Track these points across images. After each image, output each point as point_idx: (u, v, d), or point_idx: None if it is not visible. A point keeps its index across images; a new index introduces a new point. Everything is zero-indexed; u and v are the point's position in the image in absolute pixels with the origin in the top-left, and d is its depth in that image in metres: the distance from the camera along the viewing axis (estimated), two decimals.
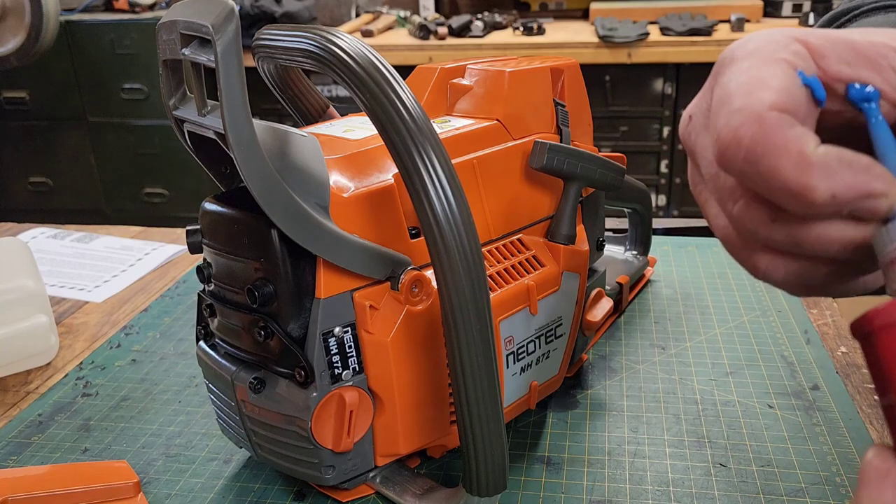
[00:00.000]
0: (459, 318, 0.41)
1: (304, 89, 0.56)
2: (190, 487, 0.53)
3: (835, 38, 0.30)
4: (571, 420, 0.59)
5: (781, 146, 0.27)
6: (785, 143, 0.27)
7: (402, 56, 2.19)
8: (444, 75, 0.57)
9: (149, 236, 0.99)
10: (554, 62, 0.58)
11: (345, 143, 0.49)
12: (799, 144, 0.27)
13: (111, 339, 0.74)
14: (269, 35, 0.45)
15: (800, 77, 0.30)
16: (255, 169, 0.39)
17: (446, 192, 0.40)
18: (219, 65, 0.37)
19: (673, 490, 0.51)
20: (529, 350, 0.53)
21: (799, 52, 0.30)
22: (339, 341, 0.45)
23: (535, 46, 2.17)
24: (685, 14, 2.22)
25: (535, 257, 0.53)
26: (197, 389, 0.65)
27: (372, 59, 0.40)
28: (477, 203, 0.51)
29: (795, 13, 2.22)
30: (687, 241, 0.89)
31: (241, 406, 0.48)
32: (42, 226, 1.02)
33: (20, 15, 1.95)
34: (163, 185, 2.52)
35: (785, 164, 0.26)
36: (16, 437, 0.59)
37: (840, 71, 0.30)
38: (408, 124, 0.39)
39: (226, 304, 0.47)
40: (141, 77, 2.39)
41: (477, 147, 0.52)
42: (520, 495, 0.51)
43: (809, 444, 0.54)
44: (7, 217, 1.27)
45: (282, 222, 0.41)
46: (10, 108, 2.53)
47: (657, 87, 2.17)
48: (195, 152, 0.47)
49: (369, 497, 0.51)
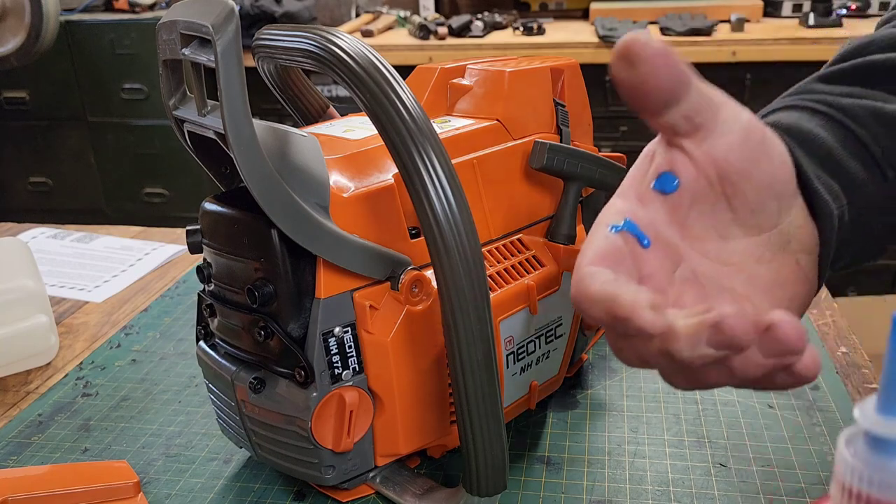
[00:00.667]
0: (459, 318, 0.41)
1: (304, 89, 0.56)
2: (190, 487, 0.53)
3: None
4: (571, 420, 0.59)
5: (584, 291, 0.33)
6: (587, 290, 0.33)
7: (402, 56, 2.19)
8: (444, 75, 0.57)
9: (149, 236, 0.99)
10: (554, 62, 0.58)
11: (345, 143, 0.49)
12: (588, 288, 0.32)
13: (111, 339, 0.74)
14: (269, 35, 0.45)
15: (611, 231, 0.36)
16: (255, 169, 0.39)
17: (446, 192, 0.40)
18: (219, 65, 0.37)
19: (673, 490, 0.51)
20: (529, 350, 0.53)
21: (619, 209, 0.37)
22: (339, 341, 0.45)
23: (535, 46, 2.16)
24: (685, 14, 2.22)
25: (535, 257, 0.53)
26: (197, 389, 0.64)
27: (372, 59, 0.40)
28: (477, 203, 0.51)
29: (795, 13, 2.22)
30: None
31: (241, 406, 0.48)
32: (42, 226, 1.02)
33: (20, 15, 1.95)
34: (163, 185, 2.52)
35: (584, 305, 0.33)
36: (16, 437, 0.59)
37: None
38: (408, 124, 0.39)
39: (226, 304, 0.47)
40: (141, 77, 2.39)
41: (477, 147, 0.52)
42: (520, 495, 0.51)
43: (809, 444, 0.54)
44: (7, 217, 1.27)
45: (282, 222, 0.41)
46: (10, 108, 2.53)
47: None
48: (195, 152, 0.47)
49: (369, 497, 0.51)
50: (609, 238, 0.36)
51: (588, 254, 0.35)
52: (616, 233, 0.36)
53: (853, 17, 2.17)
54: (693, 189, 0.37)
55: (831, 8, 2.12)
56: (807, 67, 2.23)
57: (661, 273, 0.37)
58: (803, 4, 2.22)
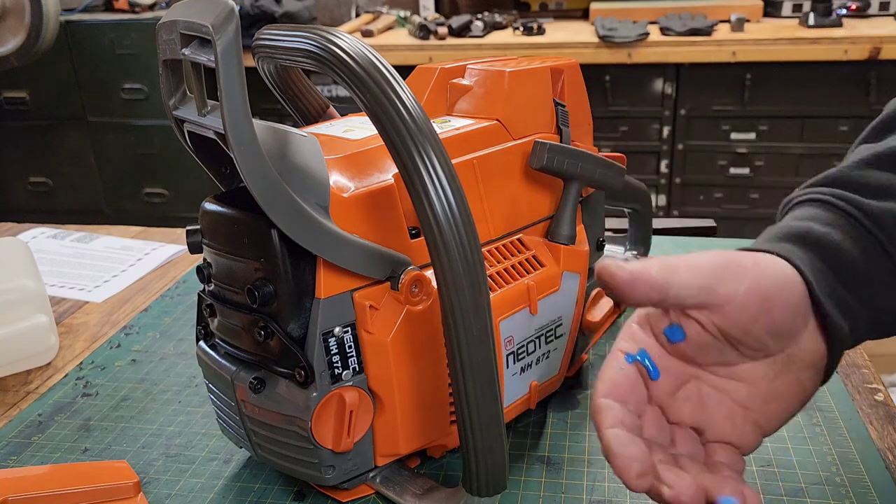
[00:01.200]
0: (459, 318, 0.41)
1: (304, 89, 0.56)
2: (190, 487, 0.53)
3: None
4: (571, 420, 0.59)
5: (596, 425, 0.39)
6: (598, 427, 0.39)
7: (402, 56, 2.19)
8: (444, 75, 0.57)
9: (149, 236, 0.99)
10: (554, 62, 0.58)
11: (345, 143, 0.49)
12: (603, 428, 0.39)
13: (111, 339, 0.74)
14: (269, 35, 0.45)
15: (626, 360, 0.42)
16: (255, 169, 0.39)
17: (446, 192, 0.40)
18: (219, 65, 0.37)
19: None
20: (529, 350, 0.53)
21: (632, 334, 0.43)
22: (339, 341, 0.45)
23: (535, 46, 2.16)
24: (685, 14, 2.22)
25: (535, 257, 0.53)
26: (197, 389, 0.64)
27: (372, 59, 0.40)
28: (477, 203, 0.50)
29: (795, 13, 2.22)
30: (687, 241, 0.89)
31: (241, 406, 0.48)
32: (42, 226, 1.02)
33: (20, 15, 1.94)
34: (163, 185, 2.52)
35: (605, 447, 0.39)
36: (16, 437, 0.59)
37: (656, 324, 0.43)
38: (408, 124, 0.39)
39: (226, 304, 0.47)
40: (141, 77, 2.39)
41: (477, 147, 0.52)
42: (520, 495, 0.51)
43: (809, 444, 0.54)
44: (7, 217, 1.27)
45: (282, 222, 0.41)
46: (10, 108, 2.53)
47: (657, 87, 2.17)
48: (195, 152, 0.47)
49: (369, 497, 0.51)
50: (623, 371, 0.42)
51: (604, 382, 0.41)
52: (631, 363, 0.42)
53: (853, 17, 2.17)
54: (698, 341, 0.42)
55: (831, 8, 2.12)
56: (807, 67, 2.22)
57: (665, 396, 0.43)
58: (803, 4, 2.22)
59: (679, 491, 0.38)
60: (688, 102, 2.17)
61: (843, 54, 2.00)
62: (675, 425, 0.43)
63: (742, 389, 0.43)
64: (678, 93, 2.17)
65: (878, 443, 0.54)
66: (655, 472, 0.38)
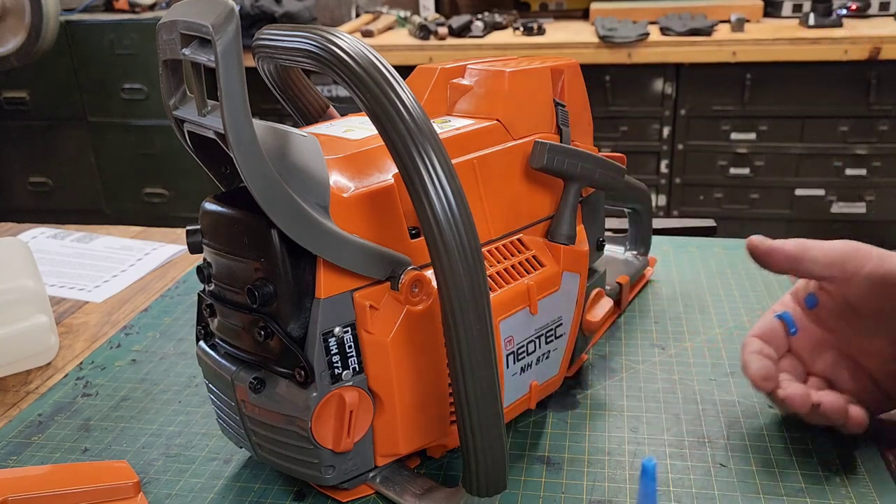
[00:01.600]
0: (459, 318, 0.41)
1: (304, 89, 0.56)
2: (190, 487, 0.53)
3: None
4: (571, 420, 0.59)
5: (744, 352, 0.56)
6: (743, 351, 0.56)
7: (402, 56, 2.19)
8: (444, 75, 0.57)
9: (149, 236, 0.99)
10: (554, 62, 0.58)
11: (345, 143, 0.49)
12: (746, 352, 0.55)
13: (111, 339, 0.74)
14: (269, 35, 0.45)
15: (774, 317, 0.57)
16: (255, 169, 0.39)
17: (446, 192, 0.40)
18: (219, 65, 0.37)
19: (673, 490, 0.51)
20: (529, 350, 0.53)
21: (784, 302, 0.58)
22: (339, 341, 0.45)
23: (535, 46, 2.16)
24: (685, 14, 2.22)
25: (535, 257, 0.53)
26: (197, 389, 0.65)
27: (372, 59, 0.40)
28: (477, 203, 0.51)
29: (795, 13, 2.22)
30: (687, 241, 0.89)
31: (241, 406, 0.48)
32: (42, 226, 1.02)
33: (20, 15, 1.94)
34: (163, 185, 2.52)
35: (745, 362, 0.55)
36: (16, 437, 0.59)
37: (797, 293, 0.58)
38: (408, 124, 0.39)
39: (226, 304, 0.47)
40: (141, 77, 2.39)
41: (477, 147, 0.52)
42: (520, 495, 0.51)
43: (809, 444, 0.54)
44: (7, 217, 1.27)
45: (282, 222, 0.41)
46: (10, 108, 2.53)
47: (657, 87, 2.17)
48: (195, 152, 0.47)
49: (369, 497, 0.51)
50: (771, 322, 0.57)
51: (756, 329, 0.57)
52: (777, 319, 0.57)
53: (853, 17, 2.17)
54: (829, 307, 0.55)
55: (831, 8, 2.12)
56: (807, 67, 2.22)
57: (802, 350, 0.56)
58: (803, 4, 2.22)
59: (790, 392, 0.51)
60: (688, 102, 2.17)
61: (843, 54, 2.00)
62: (810, 375, 0.55)
63: (871, 360, 0.53)
64: (678, 93, 2.17)
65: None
66: (777, 381, 0.52)
